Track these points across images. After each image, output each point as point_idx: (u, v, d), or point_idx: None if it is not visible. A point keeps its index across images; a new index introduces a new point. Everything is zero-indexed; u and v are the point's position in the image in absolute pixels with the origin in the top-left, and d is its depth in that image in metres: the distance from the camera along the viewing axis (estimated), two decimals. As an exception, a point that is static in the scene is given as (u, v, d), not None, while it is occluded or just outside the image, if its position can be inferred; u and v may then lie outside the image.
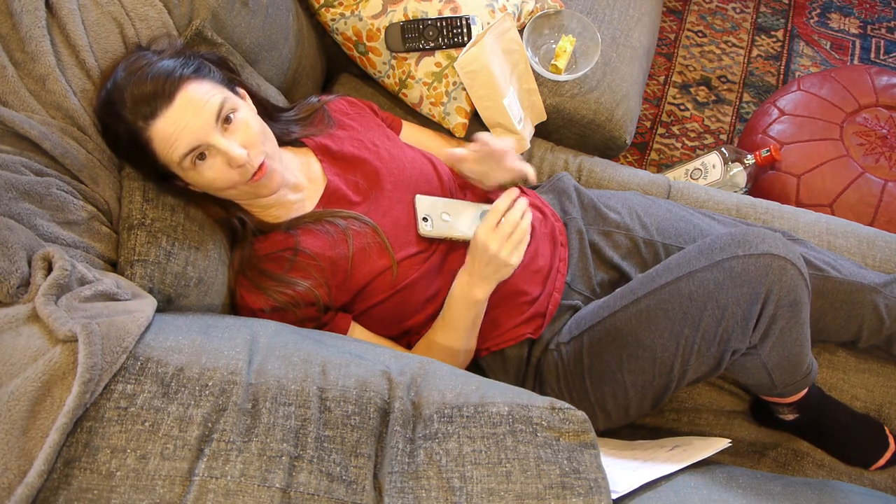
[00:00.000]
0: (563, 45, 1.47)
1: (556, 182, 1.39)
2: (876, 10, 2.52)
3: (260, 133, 1.01)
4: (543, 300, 1.19)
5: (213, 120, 0.96)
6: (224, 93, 0.99)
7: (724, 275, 1.01)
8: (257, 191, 1.04)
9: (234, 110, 0.99)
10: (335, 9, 1.41)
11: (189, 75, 0.96)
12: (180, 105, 0.94)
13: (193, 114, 0.95)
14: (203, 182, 1.00)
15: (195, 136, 0.95)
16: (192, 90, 0.96)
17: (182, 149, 0.95)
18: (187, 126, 0.95)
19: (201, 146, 0.96)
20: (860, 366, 1.28)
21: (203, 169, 0.98)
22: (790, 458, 1.25)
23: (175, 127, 0.94)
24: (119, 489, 0.66)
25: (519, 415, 0.78)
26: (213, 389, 0.73)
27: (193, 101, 0.95)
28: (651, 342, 1.05)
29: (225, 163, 0.98)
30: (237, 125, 0.99)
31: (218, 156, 0.98)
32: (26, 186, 0.86)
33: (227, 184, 1.00)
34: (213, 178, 0.99)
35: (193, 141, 0.95)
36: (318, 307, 1.07)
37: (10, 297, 0.76)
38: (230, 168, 0.98)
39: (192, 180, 1.01)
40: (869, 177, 1.74)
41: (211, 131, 0.96)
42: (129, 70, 0.96)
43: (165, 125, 0.94)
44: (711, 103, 2.28)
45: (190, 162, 0.97)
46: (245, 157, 0.97)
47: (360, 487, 0.71)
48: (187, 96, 0.95)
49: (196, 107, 0.95)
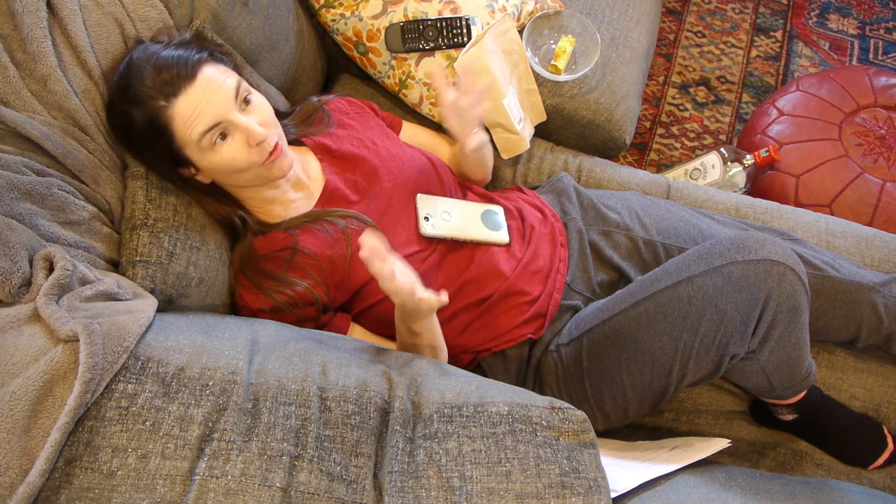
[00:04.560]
0: (563, 46, 1.47)
1: (556, 182, 1.40)
2: (874, 10, 2.53)
3: (273, 116, 1.04)
4: (544, 300, 1.19)
5: (233, 99, 0.98)
6: (237, 76, 1.02)
7: (723, 280, 1.01)
8: (271, 173, 1.04)
9: (249, 92, 1.02)
10: (335, 9, 1.41)
11: (206, 58, 0.99)
12: (201, 83, 0.96)
13: (214, 91, 0.97)
14: (221, 162, 1.00)
15: (217, 112, 0.97)
16: (210, 71, 0.98)
17: (203, 125, 0.96)
18: (209, 103, 0.96)
19: (223, 123, 0.97)
20: (859, 365, 1.29)
21: (223, 148, 0.99)
22: (789, 457, 1.25)
23: (197, 104, 0.96)
24: (120, 488, 0.66)
25: (519, 414, 0.78)
26: (214, 389, 0.73)
27: (214, 80, 0.97)
28: (650, 345, 1.06)
29: (244, 141, 0.99)
30: (254, 106, 1.01)
31: (237, 134, 0.99)
32: (28, 187, 0.86)
33: (245, 163, 1.01)
34: (233, 157, 1.00)
35: (215, 117, 0.97)
36: (316, 307, 1.07)
37: (12, 297, 0.76)
38: (248, 147, 1.00)
39: (207, 163, 1.01)
40: (867, 177, 1.74)
41: (231, 108, 0.98)
42: (147, 53, 0.97)
43: (188, 103, 0.95)
44: (711, 104, 2.29)
45: (209, 140, 0.98)
46: (265, 134, 0.99)
47: (360, 487, 0.71)
48: (207, 75, 0.97)
49: (216, 85, 0.97)
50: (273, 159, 1.02)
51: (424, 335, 1.02)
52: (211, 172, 1.03)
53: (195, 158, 1.00)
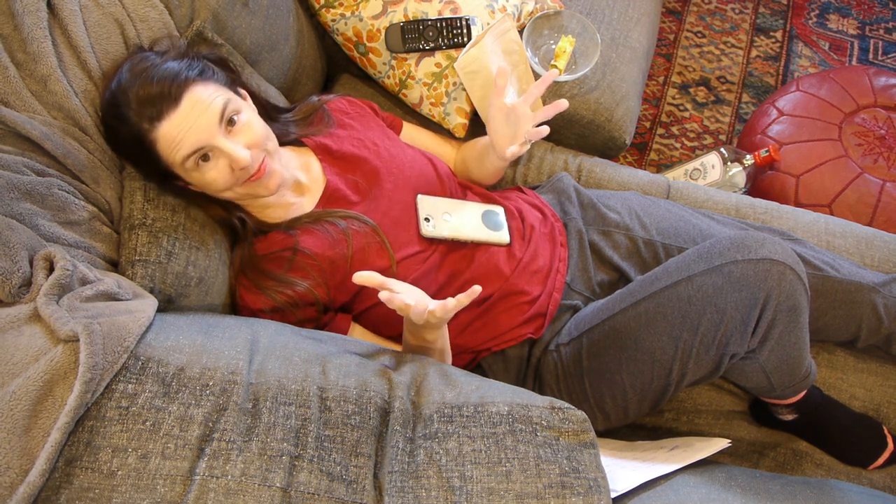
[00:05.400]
0: (563, 46, 1.47)
1: (556, 182, 1.40)
2: (874, 10, 2.53)
3: (262, 134, 1.03)
4: (544, 300, 1.19)
5: (217, 122, 0.97)
6: (227, 94, 1.00)
7: (723, 279, 1.01)
8: (255, 191, 1.04)
9: (237, 112, 1.00)
10: (335, 9, 1.41)
11: (194, 78, 0.97)
12: (186, 107, 0.95)
13: (198, 116, 0.96)
14: (203, 182, 1.01)
15: (199, 137, 0.96)
16: (196, 92, 0.97)
17: (186, 150, 0.96)
18: (192, 128, 0.96)
19: (205, 147, 0.97)
20: (859, 365, 1.29)
21: (205, 170, 0.99)
22: (789, 457, 1.25)
23: (180, 129, 0.95)
24: (120, 488, 0.66)
25: (519, 414, 0.78)
26: (214, 389, 0.73)
27: (199, 104, 0.96)
28: (650, 345, 1.06)
29: (227, 164, 0.99)
30: (240, 127, 1.00)
31: (221, 157, 0.99)
32: (28, 187, 0.86)
33: (227, 185, 1.01)
34: (214, 179, 1.00)
35: (197, 143, 0.96)
36: (317, 307, 1.07)
37: (12, 297, 0.76)
38: (232, 170, 1.00)
39: (193, 180, 1.02)
40: (867, 177, 1.74)
41: (215, 133, 0.97)
42: (134, 72, 0.96)
43: (171, 127, 0.95)
44: (710, 104, 2.29)
45: (193, 163, 0.98)
46: (248, 160, 0.99)
47: (360, 487, 0.71)
48: (192, 99, 0.96)
49: (201, 109, 0.96)
50: (257, 178, 1.02)
51: (438, 342, 1.02)
52: (198, 188, 1.04)
53: (181, 175, 1.01)
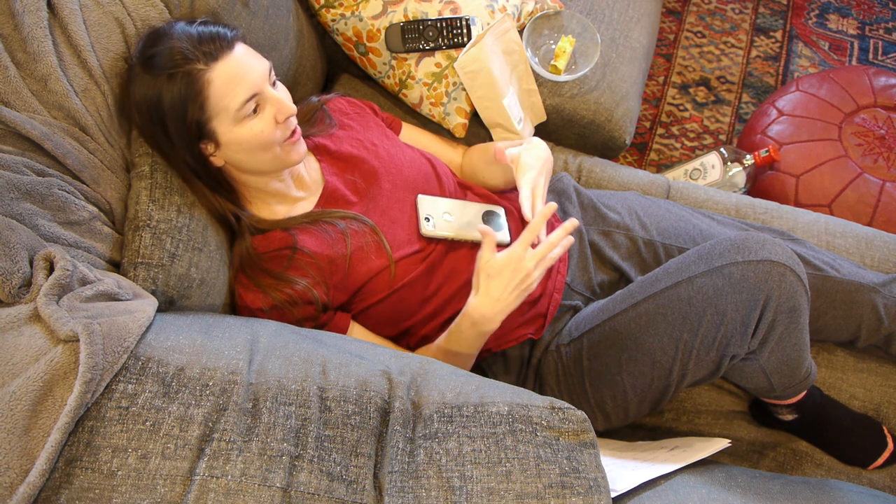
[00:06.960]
0: (563, 46, 1.47)
1: (556, 182, 1.40)
2: (874, 10, 2.53)
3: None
4: (544, 301, 1.19)
5: (267, 74, 1.01)
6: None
7: (723, 280, 1.01)
8: (289, 156, 1.05)
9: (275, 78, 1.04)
10: (335, 9, 1.41)
11: (240, 36, 1.02)
12: (240, 54, 0.99)
13: (252, 63, 0.99)
14: (248, 136, 1.00)
15: (256, 82, 0.98)
16: (245, 47, 1.01)
17: (245, 93, 0.97)
18: (249, 72, 0.98)
19: (260, 94, 0.99)
20: (859, 365, 1.29)
21: (253, 122, 1.00)
22: (789, 457, 1.25)
23: (238, 70, 0.97)
24: (120, 488, 0.66)
25: (519, 414, 0.78)
26: (214, 389, 0.73)
27: (251, 53, 1.01)
28: (650, 346, 1.06)
29: (272, 116, 1.00)
30: (280, 88, 1.04)
31: (268, 108, 1.00)
32: (28, 187, 0.86)
33: (270, 138, 1.01)
34: (261, 130, 1.00)
35: (254, 87, 0.98)
36: (316, 306, 1.07)
37: (12, 297, 0.76)
38: (276, 123, 1.01)
39: (232, 136, 1.00)
40: (867, 177, 1.74)
41: (266, 83, 1.00)
42: (181, 21, 1.00)
43: (228, 68, 0.96)
44: (710, 104, 2.29)
45: (247, 112, 0.98)
46: (294, 109, 1.02)
47: (360, 487, 0.71)
48: (244, 48, 1.00)
49: (253, 58, 1.00)
50: (294, 140, 1.04)
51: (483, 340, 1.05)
52: (231, 150, 1.02)
53: (220, 132, 0.99)
